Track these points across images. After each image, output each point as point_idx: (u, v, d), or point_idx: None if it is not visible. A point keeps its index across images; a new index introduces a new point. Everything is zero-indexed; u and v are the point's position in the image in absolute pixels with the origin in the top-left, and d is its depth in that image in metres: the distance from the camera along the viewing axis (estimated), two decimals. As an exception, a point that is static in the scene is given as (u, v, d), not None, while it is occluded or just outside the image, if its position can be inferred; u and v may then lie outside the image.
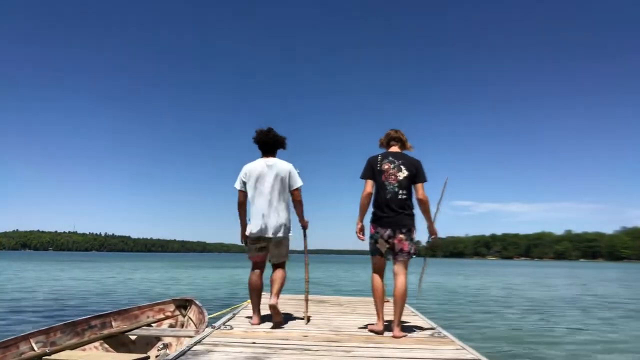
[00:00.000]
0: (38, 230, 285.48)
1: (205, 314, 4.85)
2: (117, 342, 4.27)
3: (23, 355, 3.39)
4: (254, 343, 3.01)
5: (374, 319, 4.23)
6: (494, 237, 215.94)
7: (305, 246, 4.17)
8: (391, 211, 3.53)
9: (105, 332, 4.33)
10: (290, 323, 3.91)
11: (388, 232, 3.54)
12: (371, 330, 3.62)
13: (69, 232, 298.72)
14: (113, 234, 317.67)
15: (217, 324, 3.61)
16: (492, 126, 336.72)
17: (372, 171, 3.63)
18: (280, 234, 3.83)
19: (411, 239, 3.56)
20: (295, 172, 3.92)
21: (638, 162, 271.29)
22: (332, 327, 3.78)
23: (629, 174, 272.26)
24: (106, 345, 4.16)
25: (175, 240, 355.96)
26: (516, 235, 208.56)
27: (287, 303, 5.37)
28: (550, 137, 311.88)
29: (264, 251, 3.89)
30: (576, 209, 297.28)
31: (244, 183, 3.85)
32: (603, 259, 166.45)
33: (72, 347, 3.75)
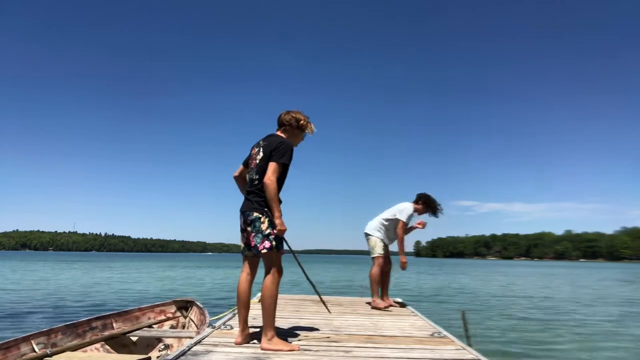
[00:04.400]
0: (38, 230, 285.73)
1: (207, 315, 4.86)
2: (118, 343, 4.28)
3: (24, 357, 3.40)
4: (254, 343, 3.02)
5: (374, 319, 4.24)
6: (494, 237, 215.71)
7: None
8: (244, 200, 3.14)
9: (107, 333, 4.33)
10: (290, 323, 3.92)
11: (240, 223, 3.14)
12: None
13: (69, 232, 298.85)
14: (113, 234, 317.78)
15: (217, 324, 3.62)
16: (495, 126, 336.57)
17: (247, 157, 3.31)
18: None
19: (260, 231, 2.95)
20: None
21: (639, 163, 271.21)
22: (332, 327, 3.78)
23: (630, 175, 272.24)
24: (107, 347, 4.17)
25: (175, 240, 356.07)
26: (516, 235, 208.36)
27: (288, 303, 5.38)
28: (552, 137, 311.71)
29: None
30: (578, 209, 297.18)
31: None
32: (603, 259, 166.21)
33: (73, 349, 3.75)
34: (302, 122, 3.25)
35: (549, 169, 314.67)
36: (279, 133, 3.23)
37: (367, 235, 5.35)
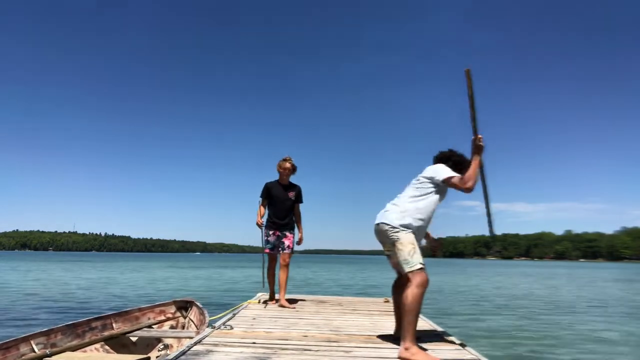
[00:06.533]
0: (38, 231, 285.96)
1: (206, 315, 4.85)
2: (118, 343, 4.28)
3: (23, 357, 3.39)
4: (254, 343, 3.01)
5: (374, 319, 4.24)
6: (494, 237, 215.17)
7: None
8: None
9: (106, 333, 4.33)
10: (290, 323, 3.92)
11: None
12: None
13: (69, 232, 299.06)
14: (113, 234, 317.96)
15: (217, 324, 3.62)
16: (495, 126, 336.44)
17: None
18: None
19: None
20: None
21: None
22: (332, 327, 3.78)
23: (632, 175, 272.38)
24: (107, 347, 4.17)
25: (175, 240, 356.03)
26: (516, 235, 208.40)
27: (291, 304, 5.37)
28: (554, 137, 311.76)
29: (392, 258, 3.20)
30: (579, 209, 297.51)
31: None
32: (603, 259, 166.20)
33: (73, 349, 3.75)
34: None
35: (550, 169, 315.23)
36: None
37: (389, 229, 3.00)
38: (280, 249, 5.19)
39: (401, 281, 3.22)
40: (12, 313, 8.73)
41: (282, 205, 5.23)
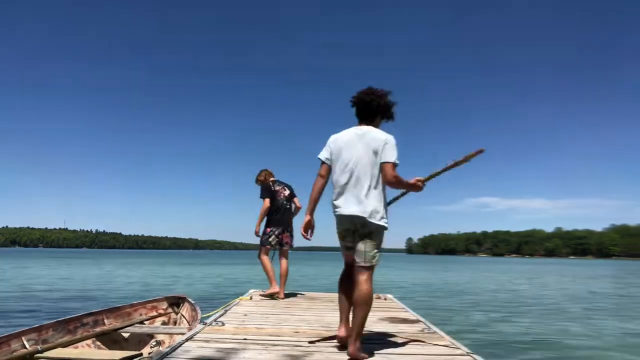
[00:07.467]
0: (28, 227, 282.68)
1: (198, 311, 4.87)
2: (110, 339, 4.29)
3: (15, 353, 3.39)
4: (245, 339, 3.04)
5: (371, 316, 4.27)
6: (485, 234, 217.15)
7: None
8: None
9: (98, 329, 4.33)
10: (282, 319, 3.94)
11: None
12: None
13: (60, 228, 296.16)
14: (104, 231, 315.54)
15: (208, 321, 3.64)
16: (513, 123, 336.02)
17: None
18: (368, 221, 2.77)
19: None
20: (392, 145, 2.81)
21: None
22: (323, 323, 3.81)
23: (633, 174, 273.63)
24: (98, 343, 4.18)
25: (167, 237, 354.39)
26: (507, 233, 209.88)
27: (280, 300, 5.40)
28: (572, 133, 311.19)
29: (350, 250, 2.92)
30: (599, 205, 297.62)
31: (330, 154, 2.95)
32: (592, 256, 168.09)
33: (65, 345, 3.76)
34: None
35: (549, 168, 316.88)
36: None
37: (368, 218, 2.77)
38: (280, 245, 5.48)
39: (350, 274, 2.96)
40: (2, 310, 8.67)
41: (282, 205, 5.49)
